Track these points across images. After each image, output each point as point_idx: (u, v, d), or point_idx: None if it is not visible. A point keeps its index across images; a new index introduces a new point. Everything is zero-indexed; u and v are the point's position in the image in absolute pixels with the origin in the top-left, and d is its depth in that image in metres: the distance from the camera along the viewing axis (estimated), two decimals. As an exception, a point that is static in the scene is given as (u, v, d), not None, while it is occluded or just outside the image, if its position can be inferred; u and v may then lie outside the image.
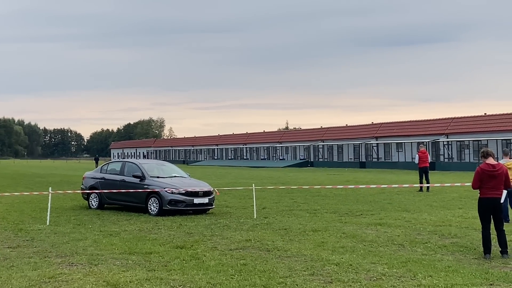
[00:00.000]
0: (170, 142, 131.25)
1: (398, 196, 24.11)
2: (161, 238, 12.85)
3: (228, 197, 24.08)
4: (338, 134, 78.75)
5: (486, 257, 10.39)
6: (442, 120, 65.49)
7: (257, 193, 22.52)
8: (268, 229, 14.30)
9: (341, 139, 77.19)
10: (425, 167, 27.40)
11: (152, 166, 19.60)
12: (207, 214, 18.08)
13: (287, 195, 25.01)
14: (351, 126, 79.84)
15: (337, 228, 14.23)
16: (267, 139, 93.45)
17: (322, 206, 20.17)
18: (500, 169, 10.56)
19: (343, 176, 45.99)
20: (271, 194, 25.58)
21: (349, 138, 75.62)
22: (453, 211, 18.15)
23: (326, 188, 27.51)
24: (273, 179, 40.39)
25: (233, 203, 21.50)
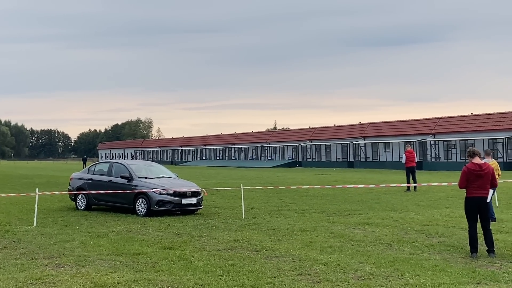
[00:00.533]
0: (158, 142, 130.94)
1: (385, 195, 24.18)
2: (149, 239, 12.81)
3: (217, 198, 24.04)
4: (326, 134, 78.96)
5: (473, 256, 10.44)
6: (429, 120, 65.82)
7: (245, 193, 22.51)
8: (257, 229, 14.30)
9: (329, 139, 77.38)
10: (412, 167, 27.52)
11: (140, 167, 19.53)
12: (195, 214, 18.04)
13: (276, 195, 25.02)
14: (339, 126, 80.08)
15: (325, 228, 14.26)
16: (255, 139, 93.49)
17: (310, 206, 20.19)
18: (487, 168, 10.62)
19: (331, 176, 46.09)
20: (259, 194, 25.57)
21: (337, 138, 75.84)
22: (440, 210, 18.24)
23: (314, 188, 27.54)
24: (262, 179, 40.38)
25: (221, 204, 21.46)
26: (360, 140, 72.04)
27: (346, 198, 23.31)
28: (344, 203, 20.98)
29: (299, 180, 38.59)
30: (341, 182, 35.49)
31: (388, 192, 25.81)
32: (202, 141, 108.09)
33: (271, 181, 38.05)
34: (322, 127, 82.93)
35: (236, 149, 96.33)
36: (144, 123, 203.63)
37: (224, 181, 37.76)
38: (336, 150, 75.04)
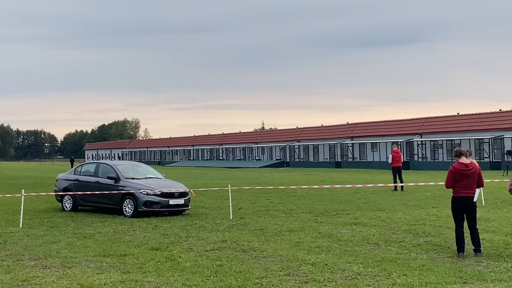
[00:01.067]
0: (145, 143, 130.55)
1: (373, 195, 24.26)
2: (136, 240, 12.76)
3: (204, 198, 24.01)
4: (314, 134, 79.15)
5: (460, 255, 10.49)
6: (416, 120, 66.14)
7: (233, 194, 22.50)
8: (244, 229, 14.29)
9: (316, 139, 77.55)
10: (398, 167, 27.64)
11: (127, 167, 19.48)
12: (182, 215, 18.00)
13: (263, 195, 25.03)
14: (326, 126, 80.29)
15: (313, 228, 14.28)
16: (243, 140, 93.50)
17: (298, 206, 20.22)
18: (473, 168, 10.66)
19: (318, 176, 46.17)
20: (247, 194, 25.57)
21: (325, 138, 76.02)
22: (427, 210, 18.33)
23: (302, 188, 27.59)
24: (249, 180, 40.39)
25: (209, 204, 21.44)
26: (348, 140, 72.26)
27: (334, 198, 23.35)
28: (332, 203, 21.02)
29: (286, 180, 38.63)
30: (328, 182, 35.56)
31: (376, 192, 25.89)
32: (189, 141, 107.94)
33: (259, 181, 38.05)
34: (310, 127, 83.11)
35: (224, 150, 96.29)
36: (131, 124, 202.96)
37: (212, 182, 37.72)
38: (324, 150, 75.23)
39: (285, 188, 27.64)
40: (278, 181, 38.27)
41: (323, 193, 26.12)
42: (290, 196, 24.61)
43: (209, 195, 25.60)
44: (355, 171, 56.81)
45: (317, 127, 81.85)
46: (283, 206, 20.16)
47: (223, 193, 25.36)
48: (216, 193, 26.11)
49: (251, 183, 35.00)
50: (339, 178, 41.61)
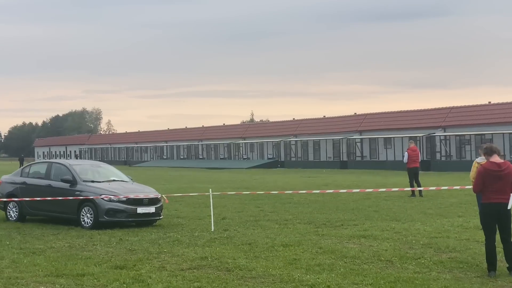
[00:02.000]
0: (108, 138, 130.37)
1: (386, 202, 24.34)
2: (96, 257, 12.74)
3: (180, 206, 24.00)
4: (315, 128, 79.33)
5: (491, 274, 10.53)
6: (438, 111, 66.43)
7: (215, 200, 22.48)
8: (229, 244, 14.31)
9: (317, 134, 77.71)
10: (415, 168, 27.72)
11: (86, 168, 19.46)
12: (153, 226, 18.00)
13: (252, 202, 25.05)
14: (329, 118, 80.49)
15: (313, 242, 14.31)
16: (227, 134, 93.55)
17: (294, 215, 20.26)
18: (507, 168, 10.63)
19: (320, 178, 46.25)
20: (232, 201, 25.58)
21: (328, 133, 76.18)
22: (451, 219, 18.42)
23: (299, 193, 27.61)
24: (235, 183, 40.38)
25: (185, 213, 21.44)
26: (356, 135, 72.48)
27: (338, 205, 23.41)
28: (336, 212, 21.07)
29: (281, 184, 38.66)
30: (332, 186, 35.61)
31: (389, 198, 25.99)
32: (162, 136, 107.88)
33: (247, 185, 38.07)
34: (309, 119, 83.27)
35: (204, 146, 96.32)
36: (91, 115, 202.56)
37: (190, 186, 37.70)
38: (327, 147, 75.41)
39: (279, 194, 27.67)
40: (271, 185, 38.30)
41: (325, 199, 26.17)
42: (285, 203, 24.64)
43: (186, 202, 25.57)
44: (364, 173, 56.99)
45: (318, 119, 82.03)
46: (276, 216, 20.18)
47: (203, 199, 25.33)
48: (194, 200, 26.09)
49: (238, 188, 34.95)
50: (344, 181, 41.71)
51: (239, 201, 25.69)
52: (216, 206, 21.93)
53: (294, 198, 26.57)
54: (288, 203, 24.43)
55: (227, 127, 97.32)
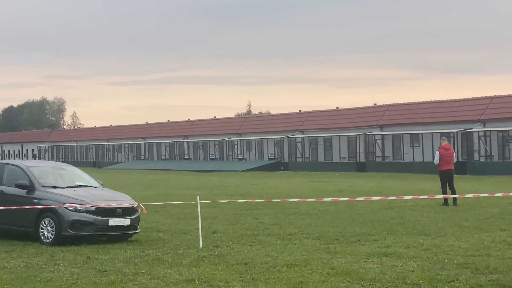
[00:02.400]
0: (74, 134, 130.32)
1: (412, 212, 24.37)
2: (58, 279, 12.73)
3: (161, 217, 24.02)
4: (325, 122, 79.27)
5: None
6: (476, 101, 66.37)
7: (204, 210, 22.47)
8: (221, 263, 14.31)
9: (329, 129, 77.66)
10: (448, 171, 27.69)
11: (46, 171, 19.47)
12: (128, 242, 18.02)
13: (249, 212, 25.08)
14: (343, 109, 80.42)
15: (323, 262, 14.31)
16: (219, 130, 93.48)
17: (300, 228, 20.27)
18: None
19: (332, 183, 46.26)
20: (225, 211, 25.61)
21: (342, 128, 76.13)
22: (493, 234, 18.41)
23: (307, 201, 27.62)
24: (229, 189, 40.39)
25: (168, 226, 21.47)
26: (375, 131, 72.46)
27: (355, 216, 23.43)
28: (352, 225, 21.09)
29: (284, 191, 38.67)
30: (347, 192, 35.60)
31: (417, 208, 26.01)
32: (139, 132, 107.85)
33: (243, 191, 38.09)
34: (319, 111, 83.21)
35: (190, 144, 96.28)
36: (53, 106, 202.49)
37: (173, 192, 37.71)
38: (340, 145, 75.31)
39: (282, 202, 27.68)
40: (272, 191, 38.30)
41: (339, 209, 26.19)
42: (290, 213, 24.66)
43: (169, 212, 25.59)
44: (385, 177, 56.94)
45: (330, 111, 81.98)
46: (279, 229, 20.20)
47: (190, 209, 25.34)
48: (179, 209, 26.10)
49: (231, 195, 34.95)
50: (362, 186, 41.72)
51: (233, 211, 25.69)
52: (205, 218, 21.92)
53: (301, 208, 26.57)
54: (293, 214, 24.43)
55: (218, 121, 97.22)
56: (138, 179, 57.77)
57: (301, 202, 27.76)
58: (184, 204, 26.19)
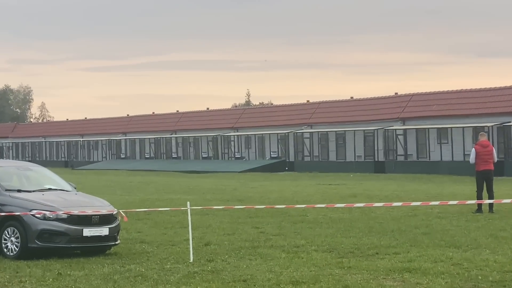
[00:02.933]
0: (42, 128, 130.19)
1: (440, 221, 24.40)
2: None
3: (145, 226, 24.06)
4: (338, 114, 79.19)
5: None
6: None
7: (195, 218, 22.47)
8: (215, 280, 14.32)
9: (342, 123, 77.59)
10: (487, 171, 27.67)
11: (9, 172, 19.47)
12: (107, 255, 18.02)
13: (248, 221, 25.15)
14: (359, 100, 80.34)
15: (335, 278, 14.33)
16: (213, 124, 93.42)
17: (309, 240, 20.29)
18: None
19: (345, 187, 46.30)
20: (220, 219, 25.66)
21: (357, 121, 76.06)
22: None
23: (316, 208, 27.64)
24: (224, 194, 40.45)
25: (153, 236, 21.49)
26: (397, 125, 72.42)
27: (372, 225, 23.47)
28: (369, 235, 21.13)
29: (289, 195, 38.71)
30: (363, 197, 35.63)
31: (445, 215, 26.03)
32: (119, 126, 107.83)
33: (241, 196, 38.14)
34: (331, 102, 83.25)
35: (180, 141, 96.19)
36: (17, 95, 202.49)
37: (159, 197, 37.76)
38: (355, 141, 75.22)
39: (287, 209, 27.67)
40: (275, 196, 38.34)
41: (354, 217, 26.23)
42: (296, 222, 24.70)
43: (154, 220, 25.61)
44: (408, 178, 56.97)
45: (343, 102, 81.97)
46: (283, 240, 20.23)
47: (178, 216, 25.38)
48: (165, 217, 26.16)
49: (227, 200, 35.00)
50: (381, 190, 41.75)
51: (230, 219, 25.73)
52: (197, 227, 21.93)
53: (309, 215, 26.62)
54: (299, 222, 24.47)
55: (212, 114, 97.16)
56: (118, 181, 57.78)
57: (309, 208, 27.78)
58: (172, 211, 26.19)
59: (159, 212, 26.90)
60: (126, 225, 22.24)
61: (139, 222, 24.67)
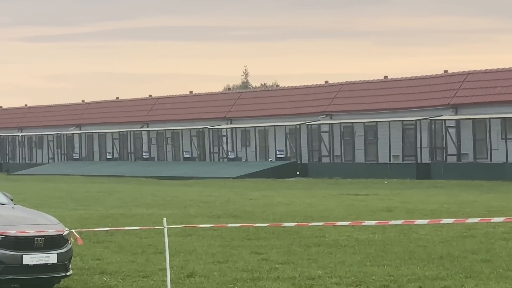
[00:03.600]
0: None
1: (505, 244, 24.46)
2: None
3: (107, 251, 24.14)
4: (366, 100, 79.07)
5: None
6: None
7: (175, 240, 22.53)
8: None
9: (372, 112, 77.63)
10: None
11: None
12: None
13: (246, 244, 25.26)
14: (395, 80, 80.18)
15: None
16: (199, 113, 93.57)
17: (327, 269, 20.38)
18: None
19: (377, 198, 46.44)
20: (208, 241, 25.79)
21: (392, 109, 76.10)
22: None
23: (338, 226, 27.72)
24: (213, 207, 40.61)
25: (117, 265, 21.60)
26: (447, 113, 72.44)
27: (413, 250, 23.53)
28: (409, 263, 21.20)
29: (301, 209, 38.85)
30: (401, 212, 35.73)
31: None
32: (72, 116, 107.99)
33: (236, 210, 38.31)
34: (357, 83, 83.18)
35: (153, 136, 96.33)
36: None
37: (125, 212, 37.91)
38: (390, 136, 75.21)
39: (298, 227, 27.79)
40: (282, 210, 38.45)
41: (388, 238, 26.32)
42: (310, 245, 24.79)
43: (119, 243, 25.69)
44: (462, 186, 57.12)
45: (373, 83, 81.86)
46: (293, 270, 20.32)
47: (151, 238, 25.51)
48: (134, 239, 26.27)
49: (218, 216, 35.16)
50: (425, 202, 41.81)
51: (221, 241, 25.81)
52: (177, 252, 22.03)
53: (327, 236, 26.70)
54: (315, 246, 24.54)
55: (197, 99, 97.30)
56: (70, 190, 57.85)
57: (329, 227, 27.88)
58: (143, 230, 26.26)
59: (126, 233, 26.97)
60: (81, 249, 22.29)
61: (98, 246, 24.70)
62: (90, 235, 24.90)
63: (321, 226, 27.26)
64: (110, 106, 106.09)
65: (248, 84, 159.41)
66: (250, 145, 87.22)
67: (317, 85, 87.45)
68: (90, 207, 41.42)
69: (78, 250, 21.11)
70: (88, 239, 23.61)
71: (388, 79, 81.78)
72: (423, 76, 78.60)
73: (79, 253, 21.93)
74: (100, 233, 25.71)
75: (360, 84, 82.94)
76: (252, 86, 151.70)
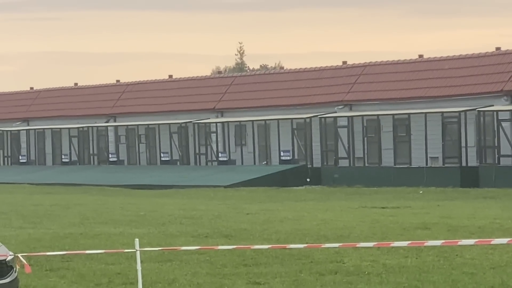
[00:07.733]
0: None
1: None
2: None
3: (62, 281, 24.18)
4: (394, 86, 79.27)
5: None
6: None
7: (151, 268, 22.58)
8: None
9: (404, 100, 77.73)
10: None
11: None
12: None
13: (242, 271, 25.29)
14: (430, 60, 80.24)
15: None
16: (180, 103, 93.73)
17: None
18: None
19: (411, 211, 46.53)
20: (193, 268, 25.83)
21: (428, 98, 76.24)
22: None
23: (359, 248, 27.79)
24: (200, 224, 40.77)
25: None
26: (500, 103, 72.47)
27: (457, 277, 23.53)
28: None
29: (312, 227, 38.96)
30: (441, 229, 35.84)
31: None
32: (17, 108, 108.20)
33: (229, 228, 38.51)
34: (383, 65, 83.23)
35: (122, 132, 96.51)
36: None
37: (87, 231, 38.04)
38: (427, 132, 75.36)
39: (308, 250, 27.86)
40: (288, 227, 38.58)
41: (425, 263, 26.34)
42: (324, 273, 24.80)
43: (77, 270, 25.75)
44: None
45: (403, 64, 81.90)
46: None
47: (120, 264, 25.63)
48: (98, 266, 26.33)
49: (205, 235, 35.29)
50: (472, 217, 41.91)
51: (209, 268, 25.86)
52: (153, 282, 22.09)
53: (346, 261, 26.74)
54: (330, 274, 24.57)
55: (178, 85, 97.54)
56: (15, 203, 58.01)
57: (348, 249, 27.94)
58: (109, 254, 26.34)
59: (87, 257, 27.04)
60: (30, 279, 22.36)
61: (52, 275, 24.74)
62: (42, 261, 24.97)
63: (338, 249, 27.28)
64: (66, 95, 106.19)
65: (244, 66, 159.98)
66: (247, 145, 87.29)
67: (332, 67, 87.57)
68: (42, 225, 41.53)
69: (26, 280, 21.20)
70: (38, 266, 23.68)
71: (423, 58, 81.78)
72: (469, 55, 78.63)
73: (27, 284, 21.99)
74: (54, 258, 25.77)
75: (388, 66, 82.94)
76: (248, 68, 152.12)
